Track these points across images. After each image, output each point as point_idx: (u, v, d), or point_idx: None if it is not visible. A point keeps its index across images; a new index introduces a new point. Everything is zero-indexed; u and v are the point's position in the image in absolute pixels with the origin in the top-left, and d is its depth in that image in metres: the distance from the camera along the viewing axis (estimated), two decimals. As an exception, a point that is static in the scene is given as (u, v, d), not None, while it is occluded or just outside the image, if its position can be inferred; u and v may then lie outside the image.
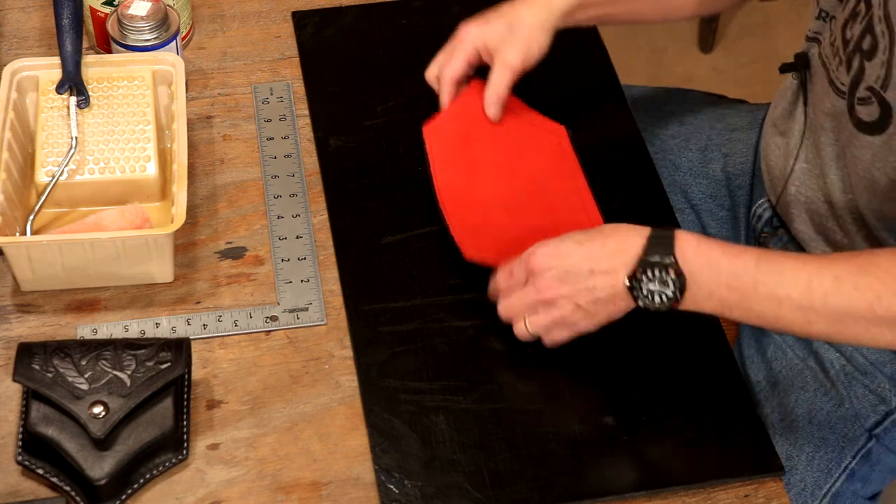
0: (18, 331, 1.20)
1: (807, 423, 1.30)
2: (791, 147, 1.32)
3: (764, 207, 1.42)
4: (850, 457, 1.29)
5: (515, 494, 1.11)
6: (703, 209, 1.51)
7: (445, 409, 1.16)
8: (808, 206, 1.32)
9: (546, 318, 1.15)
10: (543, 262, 1.14)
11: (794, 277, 1.08)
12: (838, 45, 1.19)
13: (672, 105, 1.56)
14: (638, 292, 1.11)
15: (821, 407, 1.30)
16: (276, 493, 1.11)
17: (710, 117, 1.54)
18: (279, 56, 1.45)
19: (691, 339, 1.21)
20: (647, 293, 1.10)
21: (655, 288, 1.10)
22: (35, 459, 1.10)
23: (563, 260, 1.14)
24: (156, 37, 1.34)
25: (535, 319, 1.16)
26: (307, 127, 1.38)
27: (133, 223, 1.23)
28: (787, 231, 1.38)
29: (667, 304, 1.11)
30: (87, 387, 1.09)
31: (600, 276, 1.12)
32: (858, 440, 1.29)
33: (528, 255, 1.15)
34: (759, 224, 1.42)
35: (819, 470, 1.28)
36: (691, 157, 1.51)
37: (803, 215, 1.33)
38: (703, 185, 1.51)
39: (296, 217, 1.30)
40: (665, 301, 1.10)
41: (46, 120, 1.26)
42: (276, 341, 1.21)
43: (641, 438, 1.15)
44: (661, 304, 1.11)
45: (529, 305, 1.16)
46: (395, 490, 1.10)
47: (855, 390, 1.30)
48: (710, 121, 1.54)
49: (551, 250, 1.15)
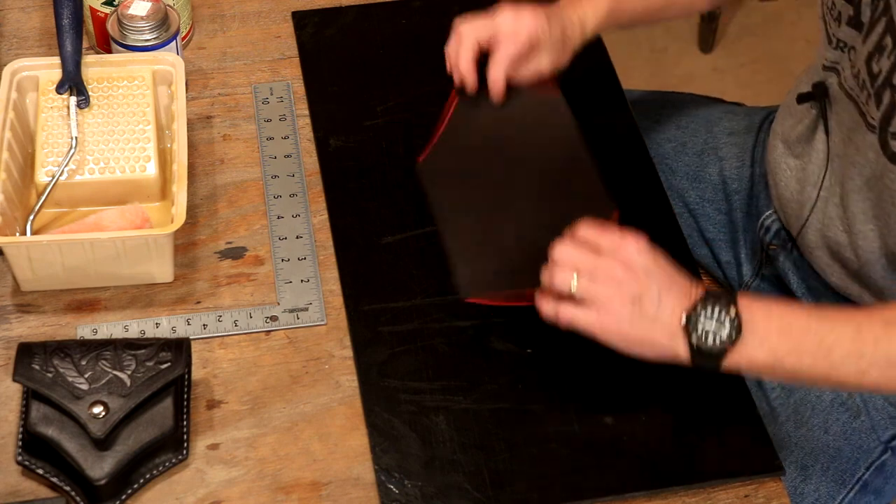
0: (18, 331, 1.20)
1: (822, 433, 1.30)
2: (809, 174, 1.30)
3: (772, 220, 1.41)
4: (864, 468, 1.29)
5: (515, 494, 1.11)
6: (700, 214, 1.51)
7: (445, 409, 1.16)
8: (825, 233, 1.31)
9: (597, 288, 1.08)
10: (639, 248, 1.09)
11: (845, 324, 1.07)
12: (864, 79, 1.17)
13: (668, 109, 1.56)
14: (693, 327, 1.07)
15: (837, 417, 1.30)
16: (276, 493, 1.11)
17: (706, 121, 1.54)
18: (279, 56, 1.45)
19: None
20: (703, 332, 1.07)
21: (711, 328, 1.07)
22: (35, 459, 1.10)
23: (656, 261, 1.09)
24: (156, 37, 1.34)
25: (587, 283, 1.08)
26: (307, 127, 1.38)
27: (133, 223, 1.23)
28: (795, 246, 1.38)
29: (719, 346, 1.07)
30: (87, 387, 1.09)
31: (672, 296, 1.08)
32: (873, 452, 1.29)
33: (629, 234, 1.10)
34: (768, 236, 1.42)
35: (833, 480, 1.28)
36: (688, 161, 1.51)
37: (821, 242, 1.32)
38: (700, 189, 1.51)
39: (296, 217, 1.30)
40: (719, 343, 1.07)
41: (46, 120, 1.26)
42: (276, 341, 1.21)
43: (641, 439, 1.15)
44: (713, 345, 1.07)
45: (595, 267, 1.09)
46: (395, 490, 1.10)
47: (874, 402, 1.30)
48: (707, 124, 1.53)
49: (649, 249, 1.10)
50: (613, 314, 1.08)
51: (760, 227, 1.43)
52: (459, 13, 1.50)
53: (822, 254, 1.32)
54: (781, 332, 1.07)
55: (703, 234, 1.51)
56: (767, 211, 1.43)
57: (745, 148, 1.50)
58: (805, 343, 1.07)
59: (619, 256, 1.09)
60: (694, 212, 1.51)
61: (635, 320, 1.08)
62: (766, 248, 1.43)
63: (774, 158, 1.37)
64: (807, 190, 1.32)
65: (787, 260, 1.40)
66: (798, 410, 1.31)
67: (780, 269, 1.41)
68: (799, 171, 1.33)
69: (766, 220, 1.42)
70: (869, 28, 1.16)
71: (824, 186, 1.27)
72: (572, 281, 1.08)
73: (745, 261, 1.48)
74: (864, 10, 1.17)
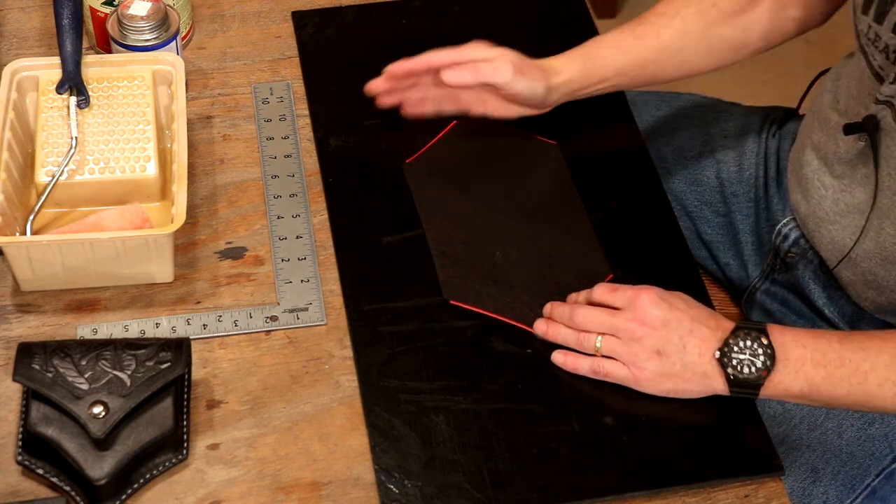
0: (18, 331, 1.20)
1: (836, 438, 1.29)
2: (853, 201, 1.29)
3: (790, 227, 1.41)
4: (874, 475, 1.29)
5: (515, 494, 1.11)
6: (698, 216, 1.51)
7: (445, 409, 1.16)
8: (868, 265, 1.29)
9: (622, 347, 1.15)
10: (652, 301, 1.15)
11: (879, 351, 1.12)
12: None
13: (663, 110, 1.56)
14: (728, 360, 1.13)
15: (851, 423, 1.30)
16: (276, 493, 1.11)
17: (702, 122, 1.54)
18: (279, 56, 1.45)
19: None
20: (738, 363, 1.12)
21: (745, 357, 1.12)
22: (35, 459, 1.10)
23: (670, 309, 1.15)
24: (156, 37, 1.34)
25: (611, 342, 1.16)
26: (307, 127, 1.38)
27: (133, 223, 1.23)
28: (816, 253, 1.38)
29: (755, 374, 1.12)
30: (87, 387, 1.09)
31: (696, 339, 1.14)
32: (884, 460, 1.29)
33: (641, 288, 1.17)
34: (786, 244, 1.41)
35: (843, 485, 1.28)
36: (685, 163, 1.51)
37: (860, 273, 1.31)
38: (698, 192, 1.50)
39: (296, 217, 1.30)
40: (754, 372, 1.12)
41: (46, 120, 1.26)
42: (276, 341, 1.21)
43: (641, 438, 1.15)
44: (749, 374, 1.12)
45: (614, 327, 1.16)
46: (395, 490, 1.10)
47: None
48: (703, 126, 1.53)
49: (666, 296, 1.16)
50: (642, 368, 1.15)
51: (777, 234, 1.42)
52: (459, 13, 1.51)
53: (857, 281, 1.32)
54: (815, 362, 1.12)
55: (702, 237, 1.51)
56: (784, 219, 1.42)
57: (744, 150, 1.49)
58: (840, 372, 1.12)
59: (635, 314, 1.15)
60: (692, 214, 1.51)
61: (665, 370, 1.15)
62: (783, 256, 1.42)
63: (807, 174, 1.35)
64: (844, 216, 1.30)
65: (806, 269, 1.39)
66: (813, 413, 1.31)
67: (798, 277, 1.41)
68: (838, 191, 1.31)
69: (784, 228, 1.41)
70: None
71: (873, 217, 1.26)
72: (596, 343, 1.16)
73: (751, 263, 1.47)
74: None
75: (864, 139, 1.25)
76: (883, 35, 1.20)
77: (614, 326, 1.16)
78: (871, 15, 1.21)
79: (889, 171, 1.22)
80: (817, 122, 1.35)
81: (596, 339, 1.16)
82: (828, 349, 1.13)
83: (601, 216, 1.31)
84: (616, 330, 1.16)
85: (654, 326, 1.15)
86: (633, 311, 1.15)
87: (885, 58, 1.21)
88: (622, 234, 1.30)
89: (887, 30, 1.19)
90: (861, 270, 1.30)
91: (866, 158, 1.26)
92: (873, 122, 1.22)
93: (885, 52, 1.20)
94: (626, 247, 1.29)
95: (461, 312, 1.22)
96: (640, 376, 1.15)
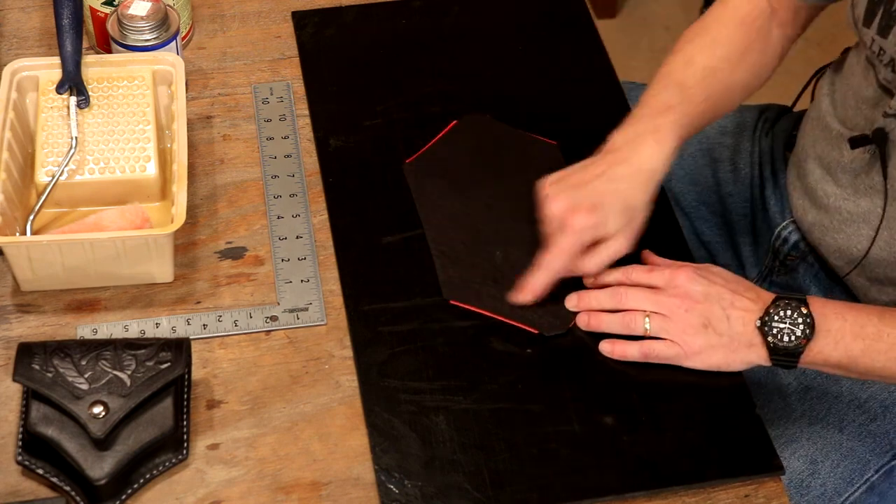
0: (18, 331, 1.20)
1: (837, 432, 1.30)
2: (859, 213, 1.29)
3: (790, 230, 1.41)
4: (872, 470, 1.29)
5: (515, 494, 1.11)
6: (695, 216, 1.51)
7: (445, 409, 1.16)
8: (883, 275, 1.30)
9: (670, 323, 1.16)
10: (690, 277, 1.17)
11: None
12: None
13: None
14: (769, 329, 1.14)
15: (853, 419, 1.30)
16: (276, 493, 1.11)
17: None
18: (279, 56, 1.45)
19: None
20: (778, 332, 1.14)
21: (785, 326, 1.14)
22: (35, 459, 1.10)
23: (709, 283, 1.17)
24: (156, 37, 1.34)
25: (659, 320, 1.17)
26: (307, 127, 1.38)
27: (133, 223, 1.23)
28: (816, 258, 1.38)
29: (795, 342, 1.14)
30: (87, 387, 1.09)
31: (738, 309, 1.16)
32: (884, 456, 1.29)
33: (676, 265, 1.19)
34: (786, 247, 1.42)
35: (841, 478, 1.28)
36: (681, 163, 1.51)
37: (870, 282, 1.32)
38: (695, 192, 1.50)
39: (296, 217, 1.30)
40: (794, 340, 1.14)
41: (46, 120, 1.26)
42: (276, 341, 1.21)
43: (641, 438, 1.15)
44: (789, 342, 1.14)
45: (660, 304, 1.17)
46: (395, 490, 1.10)
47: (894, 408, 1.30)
48: None
49: (701, 270, 1.18)
50: (690, 344, 1.16)
51: (777, 237, 1.42)
52: (459, 13, 1.51)
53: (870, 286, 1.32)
54: (855, 334, 1.14)
55: (700, 237, 1.51)
56: (783, 222, 1.42)
57: (739, 150, 1.49)
58: (878, 346, 1.14)
59: (676, 291, 1.17)
60: (690, 215, 1.51)
61: (712, 343, 1.16)
62: (783, 259, 1.42)
63: (810, 183, 1.35)
64: (850, 225, 1.31)
65: (807, 273, 1.40)
66: (814, 408, 1.31)
67: (798, 279, 1.41)
68: (840, 200, 1.31)
69: (784, 231, 1.42)
70: None
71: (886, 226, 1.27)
72: (645, 324, 1.17)
73: (749, 263, 1.48)
74: None
75: (871, 151, 1.25)
76: (888, 49, 1.20)
77: (659, 304, 1.17)
78: (874, 28, 1.20)
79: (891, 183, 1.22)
80: (818, 131, 1.35)
81: (644, 321, 1.17)
82: (867, 323, 1.14)
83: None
84: (661, 308, 1.17)
85: (697, 300, 1.16)
86: (674, 289, 1.17)
87: (890, 71, 1.21)
88: (622, 234, 1.30)
89: (892, 44, 1.19)
90: (874, 276, 1.30)
91: (871, 168, 1.26)
92: (881, 135, 1.23)
93: (891, 65, 1.20)
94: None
95: (461, 312, 1.22)
96: (689, 351, 1.16)
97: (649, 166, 1.22)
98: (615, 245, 1.19)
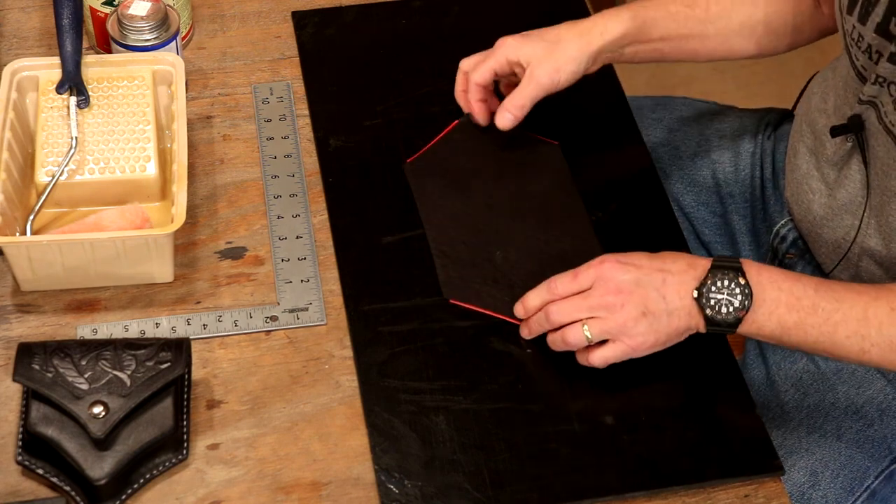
0: (18, 331, 1.20)
1: (835, 440, 1.29)
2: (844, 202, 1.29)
3: (788, 228, 1.41)
4: (873, 477, 1.29)
5: (515, 494, 1.11)
6: (695, 217, 1.51)
7: (445, 409, 1.16)
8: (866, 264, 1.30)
9: (608, 323, 1.14)
10: (616, 268, 1.15)
11: (852, 305, 1.12)
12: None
13: (659, 113, 1.56)
14: (706, 301, 1.13)
15: (850, 425, 1.30)
16: (276, 493, 1.11)
17: (698, 124, 1.54)
18: (279, 56, 1.45)
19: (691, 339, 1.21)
20: (715, 303, 1.13)
21: (723, 297, 1.13)
22: (35, 459, 1.10)
23: (636, 269, 1.15)
24: (156, 37, 1.34)
25: (597, 323, 1.14)
26: (307, 127, 1.38)
27: (133, 223, 1.23)
28: (813, 255, 1.38)
29: (733, 314, 1.13)
30: (87, 387, 1.09)
31: (672, 286, 1.14)
32: (883, 461, 1.29)
33: (598, 261, 1.16)
34: (784, 245, 1.42)
35: (842, 487, 1.28)
36: (681, 165, 1.51)
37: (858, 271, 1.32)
38: (694, 193, 1.51)
39: (296, 217, 1.30)
40: (731, 312, 1.13)
41: (46, 120, 1.26)
42: (276, 341, 1.21)
43: (641, 438, 1.15)
44: (727, 314, 1.13)
45: (592, 308, 1.14)
46: (395, 490, 1.10)
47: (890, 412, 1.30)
48: (699, 127, 1.53)
49: (624, 258, 1.16)
50: (634, 336, 1.14)
51: (775, 236, 1.42)
52: (459, 13, 1.51)
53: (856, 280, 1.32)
54: (790, 306, 1.13)
55: (700, 238, 1.51)
56: (781, 220, 1.42)
57: (739, 151, 1.50)
58: (811, 319, 1.13)
59: (606, 288, 1.14)
60: (689, 216, 1.51)
61: (655, 326, 1.14)
62: (781, 257, 1.42)
63: (798, 178, 1.36)
64: (837, 216, 1.31)
65: (805, 270, 1.40)
66: (811, 416, 1.31)
67: None
68: (828, 194, 1.32)
69: (782, 230, 1.42)
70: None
71: (868, 215, 1.27)
72: (585, 333, 1.15)
73: None
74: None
75: (851, 140, 1.25)
76: (866, 35, 1.20)
77: (592, 308, 1.14)
78: (856, 15, 1.21)
79: (877, 171, 1.23)
80: (805, 125, 1.36)
81: (583, 330, 1.14)
82: (803, 295, 1.13)
83: (601, 216, 1.31)
84: (596, 311, 1.14)
85: (630, 291, 1.13)
86: (603, 285, 1.14)
87: (867, 58, 1.21)
88: (622, 234, 1.30)
89: (870, 30, 1.19)
90: (860, 270, 1.30)
91: (853, 159, 1.26)
92: (858, 122, 1.23)
93: (868, 52, 1.21)
94: (626, 247, 1.28)
95: (461, 312, 1.22)
96: (635, 344, 1.14)
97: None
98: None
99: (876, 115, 1.21)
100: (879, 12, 1.18)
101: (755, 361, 1.38)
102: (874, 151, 1.22)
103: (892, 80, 1.18)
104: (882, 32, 1.18)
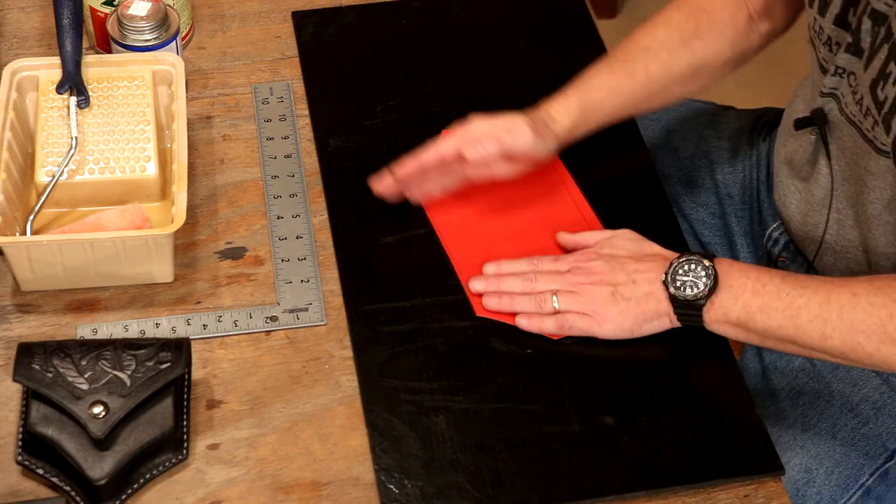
0: (18, 331, 1.20)
1: (830, 438, 1.29)
2: (815, 197, 1.30)
3: (780, 232, 1.42)
4: (867, 474, 1.29)
5: (515, 494, 1.11)
6: (694, 218, 1.51)
7: (445, 409, 1.16)
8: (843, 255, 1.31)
9: (578, 300, 1.19)
10: (594, 255, 1.21)
11: (815, 290, 1.14)
12: (869, 105, 1.18)
13: (658, 114, 1.56)
14: (671, 281, 1.16)
15: (845, 423, 1.30)
16: (276, 493, 1.11)
17: (697, 125, 1.54)
18: (279, 56, 1.45)
19: (691, 339, 1.21)
20: (681, 284, 1.16)
21: (688, 279, 1.16)
22: (35, 459, 1.10)
23: (613, 257, 1.21)
24: (156, 37, 1.34)
25: (567, 297, 1.20)
26: (307, 127, 1.38)
27: (133, 223, 1.23)
28: (806, 259, 1.38)
29: (696, 294, 1.16)
30: (87, 387, 1.09)
31: (643, 272, 1.19)
32: (878, 459, 1.29)
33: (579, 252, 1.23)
34: (776, 248, 1.42)
35: (836, 485, 1.28)
36: (680, 166, 1.51)
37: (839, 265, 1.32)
38: (693, 194, 1.51)
39: (296, 217, 1.30)
40: (696, 292, 1.16)
41: (46, 120, 1.26)
42: (276, 341, 1.21)
43: (641, 438, 1.15)
44: (691, 294, 1.16)
45: (567, 282, 1.20)
46: (395, 490, 1.10)
47: (885, 409, 1.30)
48: (698, 128, 1.54)
49: (607, 246, 1.22)
50: (600, 312, 1.19)
51: (768, 239, 1.43)
52: (459, 13, 1.51)
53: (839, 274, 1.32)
54: (755, 291, 1.16)
55: (699, 239, 1.51)
56: (773, 223, 1.42)
57: (737, 152, 1.50)
58: (776, 303, 1.15)
59: (581, 270, 1.21)
60: (688, 217, 1.51)
61: (622, 308, 1.19)
62: (774, 260, 1.42)
63: (781, 180, 1.37)
64: (814, 213, 1.31)
65: (798, 272, 1.40)
66: (806, 414, 1.31)
67: None
68: (805, 193, 1.32)
69: (774, 233, 1.42)
70: (870, 55, 1.16)
71: (834, 209, 1.28)
72: (553, 302, 1.20)
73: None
74: (864, 38, 1.16)
75: (815, 133, 1.26)
76: (825, 27, 1.21)
77: (566, 282, 1.20)
78: (816, 7, 1.22)
79: (847, 161, 1.23)
80: (784, 131, 1.37)
81: (552, 299, 1.20)
82: (768, 281, 1.16)
83: (601, 216, 1.31)
84: (569, 285, 1.20)
85: (603, 273, 1.20)
86: (578, 268, 1.21)
87: (827, 49, 1.22)
88: (622, 234, 1.30)
89: (829, 21, 1.21)
90: (849, 263, 1.30)
91: (820, 153, 1.27)
92: (821, 115, 1.24)
93: (828, 43, 1.21)
94: (626, 247, 1.29)
95: (461, 312, 1.22)
96: (601, 320, 1.19)
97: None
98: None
99: (837, 106, 1.23)
100: (838, 3, 1.19)
101: (752, 360, 1.38)
102: (841, 143, 1.24)
103: (851, 70, 1.19)
104: (840, 23, 1.20)
